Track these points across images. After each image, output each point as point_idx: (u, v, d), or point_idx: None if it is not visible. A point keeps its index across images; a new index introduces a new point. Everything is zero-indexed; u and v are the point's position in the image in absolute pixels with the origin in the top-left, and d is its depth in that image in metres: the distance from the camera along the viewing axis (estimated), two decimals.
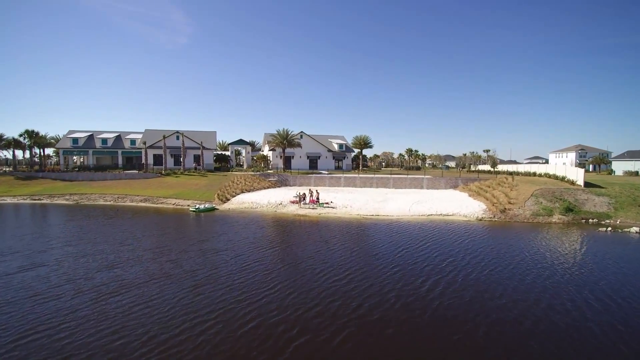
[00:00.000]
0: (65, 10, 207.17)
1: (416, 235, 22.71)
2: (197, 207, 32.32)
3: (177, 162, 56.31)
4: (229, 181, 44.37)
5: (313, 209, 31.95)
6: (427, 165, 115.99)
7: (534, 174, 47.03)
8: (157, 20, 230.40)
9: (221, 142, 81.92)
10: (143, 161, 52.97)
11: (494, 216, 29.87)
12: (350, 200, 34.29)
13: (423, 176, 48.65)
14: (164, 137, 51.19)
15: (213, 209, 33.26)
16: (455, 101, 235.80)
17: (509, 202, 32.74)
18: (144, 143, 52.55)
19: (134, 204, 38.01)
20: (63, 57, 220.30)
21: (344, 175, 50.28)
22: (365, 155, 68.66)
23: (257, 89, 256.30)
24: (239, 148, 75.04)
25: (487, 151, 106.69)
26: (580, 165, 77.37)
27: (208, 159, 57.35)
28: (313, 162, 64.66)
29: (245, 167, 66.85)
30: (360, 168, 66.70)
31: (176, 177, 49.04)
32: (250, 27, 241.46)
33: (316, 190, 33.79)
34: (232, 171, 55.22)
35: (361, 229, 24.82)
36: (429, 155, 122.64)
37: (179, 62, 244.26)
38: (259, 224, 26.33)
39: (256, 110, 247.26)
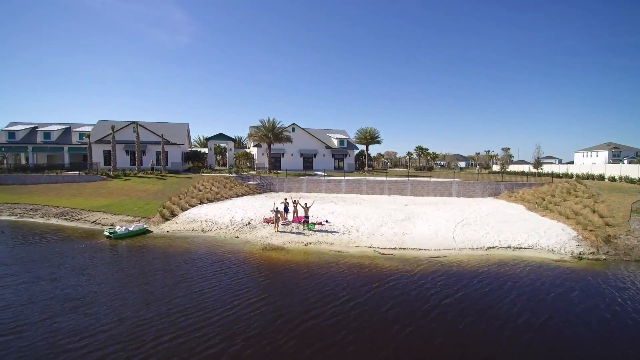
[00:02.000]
0: (65, 9, 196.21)
1: (490, 312, 10.88)
2: (114, 230, 20.53)
3: (135, 160, 44.51)
4: (190, 186, 32.62)
5: (298, 233, 20.10)
6: (434, 165, 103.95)
7: (602, 178, 35.15)
8: (158, 19, 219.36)
9: (200, 138, 70.11)
10: (91, 160, 41.21)
11: (597, 249, 17.96)
12: (356, 218, 22.44)
13: (452, 180, 36.75)
14: (113, 130, 39.39)
15: (143, 232, 21.46)
16: (458, 100, 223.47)
17: (606, 224, 20.89)
18: (88, 137, 40.76)
19: (42, 220, 26.22)
20: (62, 57, 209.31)
21: (346, 177, 38.47)
22: (369, 154, 56.75)
23: (256, 86, 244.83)
24: (222, 144, 63.33)
25: (507, 149, 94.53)
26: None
27: (175, 156, 45.55)
28: (307, 161, 52.76)
29: (227, 166, 55.47)
30: (366, 168, 54.88)
31: (125, 180, 37.29)
32: (251, 23, 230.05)
33: (305, 204, 21.69)
34: (203, 172, 43.45)
35: (378, 290, 12.89)
36: (439, 154, 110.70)
37: (178, 62, 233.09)
38: (184, 272, 14.43)
39: (255, 108, 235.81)
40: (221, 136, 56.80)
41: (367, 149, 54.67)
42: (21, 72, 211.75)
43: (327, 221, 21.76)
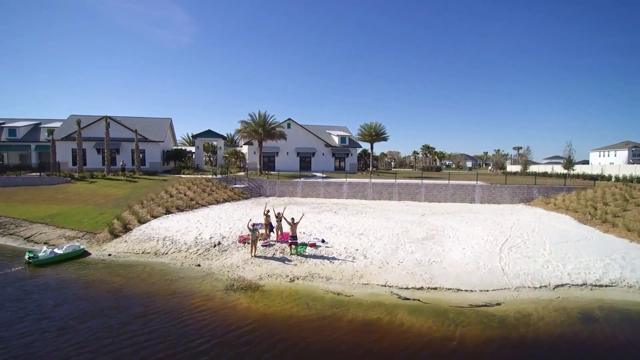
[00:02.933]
0: (66, 9, 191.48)
1: None
2: (35, 254, 15.21)
3: (111, 160, 39.18)
4: (162, 191, 27.29)
5: (282, 260, 14.67)
6: (441, 164, 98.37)
7: None
8: (159, 19, 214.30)
9: (189, 136, 64.88)
10: (54, 159, 35.97)
11: None
12: (362, 237, 16.97)
13: (474, 183, 31.23)
14: (79, 125, 34.11)
15: (79, 255, 16.08)
16: (461, 99, 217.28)
17: None
18: (52, 133, 35.59)
19: None
20: (62, 56, 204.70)
21: (348, 180, 33.03)
22: (373, 153, 50.86)
23: (255, 84, 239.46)
24: (214, 142, 58.01)
25: (519, 149, 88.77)
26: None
27: (153, 155, 40.20)
28: (305, 161, 47.34)
29: (218, 166, 50.25)
30: (371, 169, 49.42)
31: (90, 182, 31.98)
32: (251, 22, 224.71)
33: (292, 219, 16.05)
34: (183, 173, 38.13)
35: None
36: (446, 153, 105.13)
37: (175, 62, 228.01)
38: (86, 335, 8.90)
39: (254, 105, 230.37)
40: (209, 133, 51.40)
41: (372, 147, 49.16)
42: (21, 70, 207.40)
43: (323, 241, 16.33)
